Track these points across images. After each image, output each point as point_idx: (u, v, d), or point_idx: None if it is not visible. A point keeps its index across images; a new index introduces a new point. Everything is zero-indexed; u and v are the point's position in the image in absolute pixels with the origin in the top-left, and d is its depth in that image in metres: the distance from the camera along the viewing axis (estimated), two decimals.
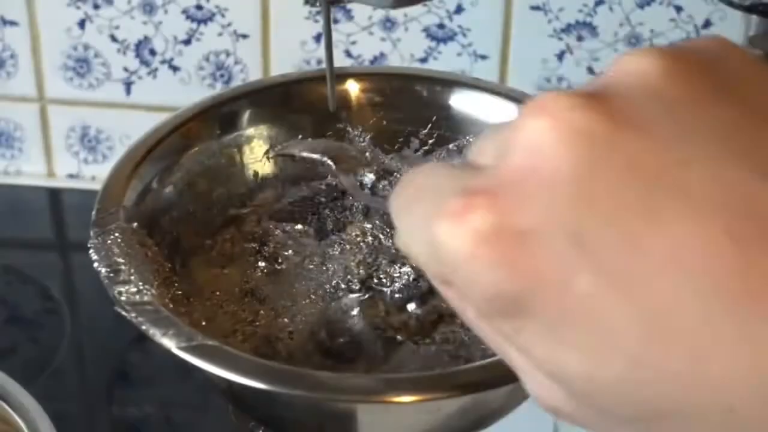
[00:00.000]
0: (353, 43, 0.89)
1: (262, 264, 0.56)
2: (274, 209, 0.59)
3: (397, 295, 0.54)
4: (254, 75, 0.91)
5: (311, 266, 0.56)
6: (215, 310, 0.53)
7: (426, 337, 0.52)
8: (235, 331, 0.52)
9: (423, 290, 0.54)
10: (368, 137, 0.61)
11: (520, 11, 0.86)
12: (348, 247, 0.56)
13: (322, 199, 0.60)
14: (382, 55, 0.89)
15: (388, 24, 0.88)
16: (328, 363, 0.51)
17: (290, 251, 0.57)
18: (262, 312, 0.53)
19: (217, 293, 0.54)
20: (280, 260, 0.56)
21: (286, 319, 0.53)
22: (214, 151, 0.59)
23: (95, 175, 0.95)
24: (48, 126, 0.94)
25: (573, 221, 0.27)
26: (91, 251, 0.49)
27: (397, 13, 0.87)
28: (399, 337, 0.52)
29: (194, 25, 0.89)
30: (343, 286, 0.55)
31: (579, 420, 0.29)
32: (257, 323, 0.53)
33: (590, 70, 0.88)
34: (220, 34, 0.89)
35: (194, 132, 0.58)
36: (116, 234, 0.50)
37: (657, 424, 0.27)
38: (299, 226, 0.58)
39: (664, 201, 0.26)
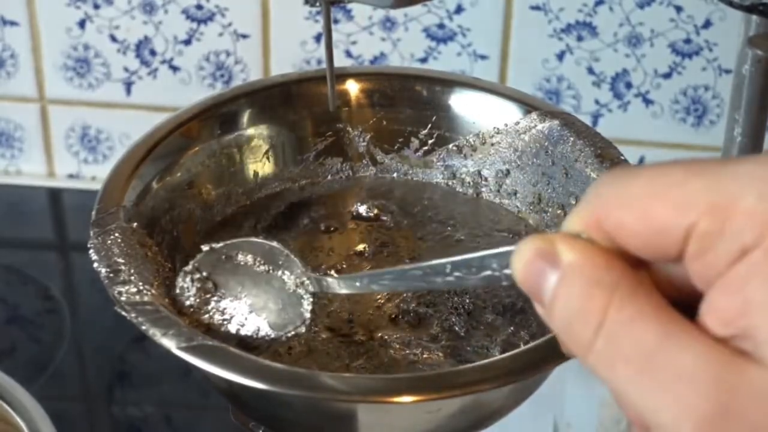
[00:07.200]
0: (353, 43, 0.89)
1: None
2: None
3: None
4: (254, 75, 0.91)
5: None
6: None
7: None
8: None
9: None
10: (368, 137, 0.61)
11: (520, 11, 0.86)
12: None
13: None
14: (382, 55, 0.89)
15: (388, 24, 0.88)
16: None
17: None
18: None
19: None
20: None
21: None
22: (214, 151, 0.59)
23: (95, 175, 0.95)
24: (48, 126, 0.94)
25: None
26: (91, 251, 0.49)
27: (397, 13, 0.87)
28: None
29: (194, 25, 0.89)
30: None
31: None
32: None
33: (590, 70, 0.88)
34: (220, 34, 0.89)
35: (194, 132, 0.58)
36: (116, 234, 0.50)
37: None
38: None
39: None
